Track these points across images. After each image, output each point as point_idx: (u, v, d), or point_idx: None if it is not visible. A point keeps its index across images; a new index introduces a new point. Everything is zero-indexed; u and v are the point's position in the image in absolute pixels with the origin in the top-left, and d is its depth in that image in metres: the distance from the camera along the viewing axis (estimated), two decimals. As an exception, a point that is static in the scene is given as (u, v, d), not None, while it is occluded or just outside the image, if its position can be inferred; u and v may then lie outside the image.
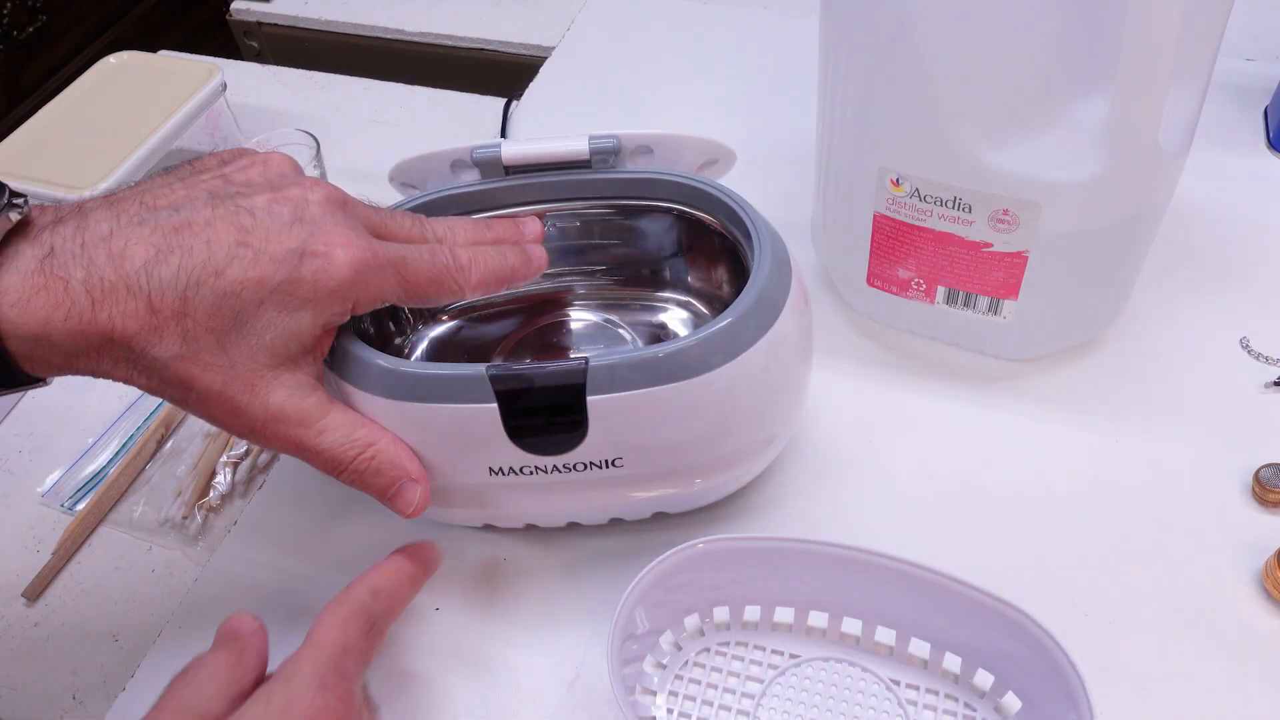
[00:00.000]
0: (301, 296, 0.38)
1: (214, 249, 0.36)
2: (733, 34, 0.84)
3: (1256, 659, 0.45)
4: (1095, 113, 0.44)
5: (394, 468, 0.41)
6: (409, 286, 0.40)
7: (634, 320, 0.56)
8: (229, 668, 0.38)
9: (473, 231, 0.45)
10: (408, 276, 0.40)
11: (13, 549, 0.56)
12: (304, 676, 0.37)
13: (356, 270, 0.38)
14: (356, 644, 0.39)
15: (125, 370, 0.37)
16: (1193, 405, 0.54)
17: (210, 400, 0.38)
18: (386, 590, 0.42)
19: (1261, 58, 0.75)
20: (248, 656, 0.40)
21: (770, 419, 0.46)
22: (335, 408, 0.40)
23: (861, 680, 0.45)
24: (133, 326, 0.35)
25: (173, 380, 0.37)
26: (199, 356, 0.37)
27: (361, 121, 0.82)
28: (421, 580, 0.44)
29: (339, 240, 0.38)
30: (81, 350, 0.36)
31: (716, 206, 0.49)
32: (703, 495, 0.49)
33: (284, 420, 0.39)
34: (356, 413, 0.41)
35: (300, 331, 0.38)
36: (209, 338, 0.36)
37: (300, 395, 0.39)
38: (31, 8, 1.40)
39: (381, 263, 0.39)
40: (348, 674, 0.38)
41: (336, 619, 0.39)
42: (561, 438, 0.42)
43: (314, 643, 0.39)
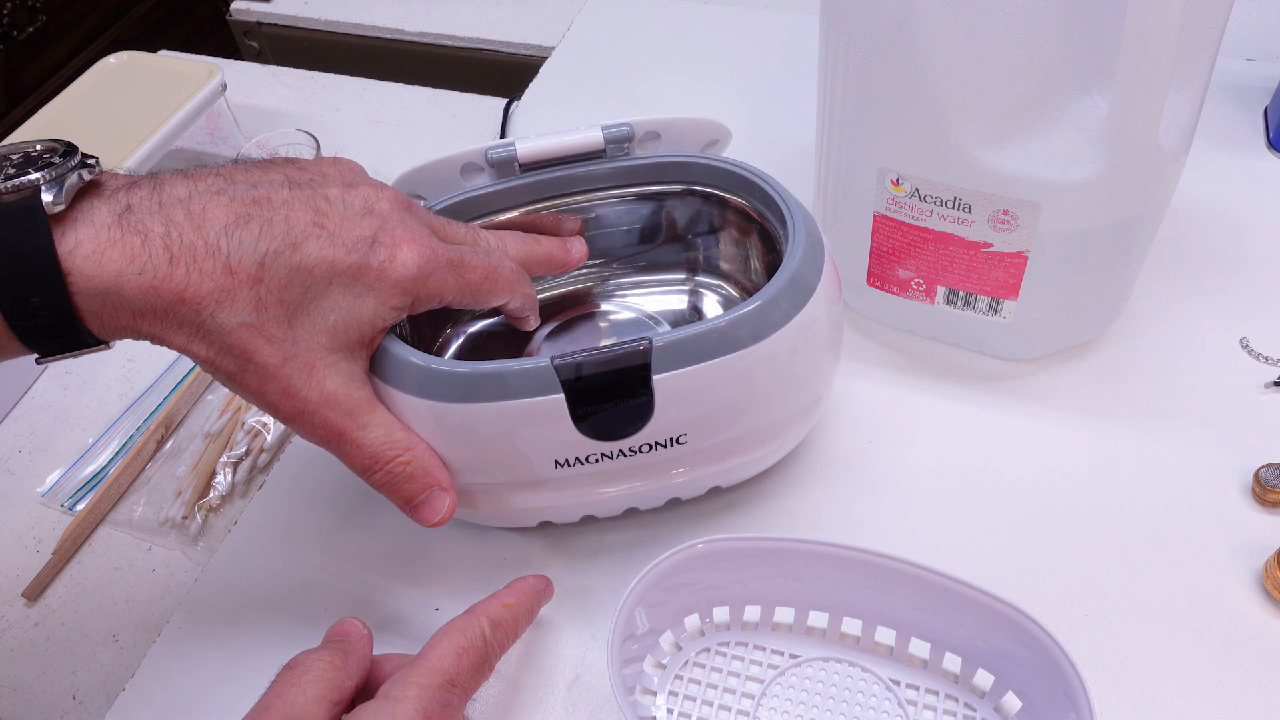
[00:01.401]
0: (368, 283, 0.39)
1: (292, 224, 0.37)
2: (733, 34, 0.84)
3: (1256, 659, 0.45)
4: (1095, 113, 0.44)
5: (427, 475, 0.42)
6: (466, 286, 0.42)
7: (662, 307, 0.56)
8: (334, 669, 0.38)
9: (523, 245, 0.47)
10: (466, 276, 0.42)
11: (13, 549, 0.56)
12: (409, 703, 0.37)
13: (421, 265, 0.39)
14: (467, 678, 0.39)
15: (186, 337, 0.37)
16: (1193, 405, 0.54)
17: (267, 375, 0.38)
18: (506, 623, 0.42)
19: (1261, 58, 0.75)
20: (352, 660, 0.40)
21: (823, 378, 0.48)
22: (381, 407, 0.41)
23: (861, 680, 0.45)
24: (208, 286, 0.36)
25: (234, 349, 0.37)
26: (265, 328, 0.37)
27: (361, 121, 0.82)
28: (536, 614, 0.45)
29: (406, 236, 0.40)
30: (149, 310, 0.36)
31: (746, 187, 0.50)
32: (761, 462, 0.50)
33: (334, 407, 0.39)
34: (396, 417, 0.42)
35: (362, 319, 0.39)
36: (278, 310, 0.37)
37: (353, 385, 0.40)
38: (31, 8, 1.40)
39: (443, 261, 0.41)
40: (451, 707, 0.38)
41: (452, 648, 0.39)
42: (629, 421, 0.43)
43: (426, 667, 0.38)
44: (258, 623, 0.50)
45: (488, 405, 0.41)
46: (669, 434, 0.43)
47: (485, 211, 0.51)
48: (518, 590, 0.44)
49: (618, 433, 0.43)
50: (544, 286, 0.57)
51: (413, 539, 0.52)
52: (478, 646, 0.40)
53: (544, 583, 0.45)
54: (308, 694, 0.37)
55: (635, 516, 0.51)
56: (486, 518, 0.50)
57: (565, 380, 0.41)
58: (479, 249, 0.44)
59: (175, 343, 0.37)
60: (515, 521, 0.51)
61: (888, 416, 0.55)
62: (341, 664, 0.39)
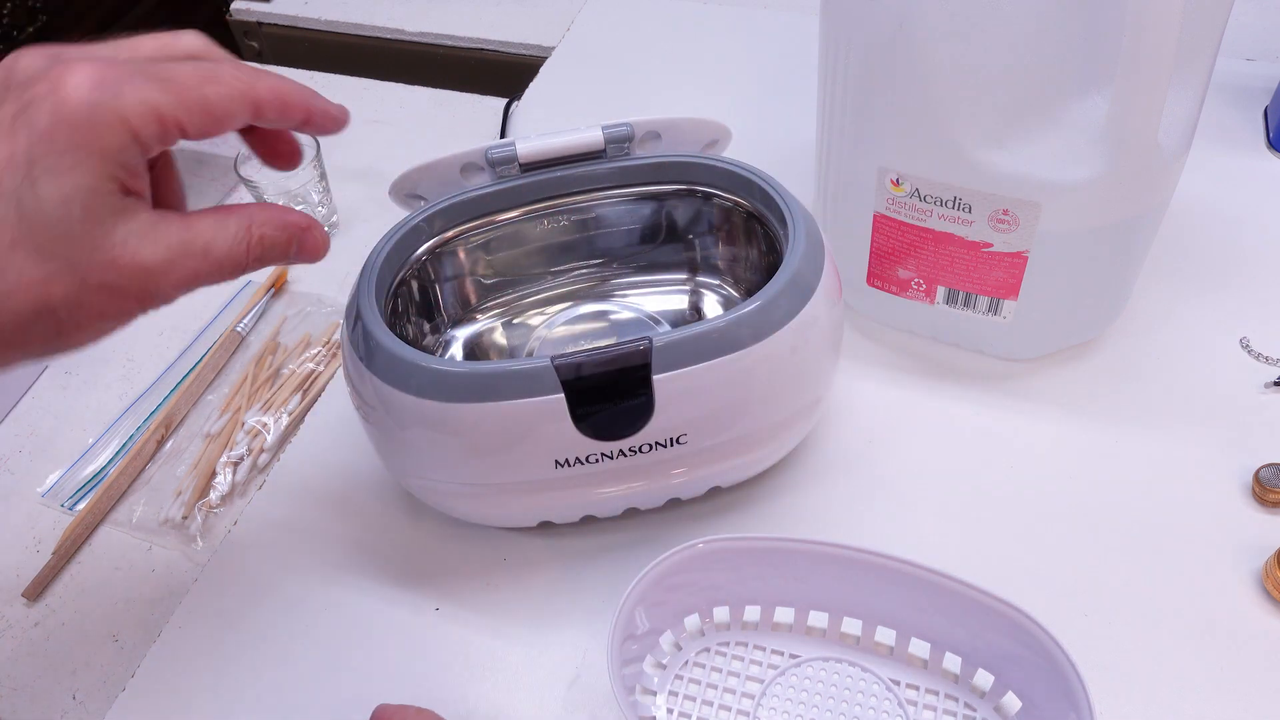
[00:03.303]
0: (59, 148, 0.32)
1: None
2: (733, 34, 0.84)
3: (1256, 659, 0.45)
4: (1095, 113, 0.44)
5: (283, 230, 0.38)
6: (179, 91, 0.34)
7: (662, 307, 0.56)
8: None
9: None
10: (172, 78, 0.34)
11: (13, 549, 0.56)
12: None
13: (96, 86, 0.32)
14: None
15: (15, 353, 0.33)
16: (1193, 405, 0.54)
17: (83, 308, 0.33)
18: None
19: (1261, 58, 0.75)
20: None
21: (821, 377, 0.48)
22: (193, 217, 0.36)
23: (861, 680, 0.45)
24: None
25: (19, 328, 0.33)
26: (31, 275, 0.32)
27: (361, 121, 0.82)
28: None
29: (65, 71, 0.33)
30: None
31: (746, 187, 0.50)
32: (761, 462, 0.50)
33: (167, 266, 0.34)
34: (208, 209, 0.36)
35: (94, 187, 0.33)
36: (28, 248, 0.32)
37: (159, 231, 0.34)
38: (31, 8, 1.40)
39: (128, 71, 0.33)
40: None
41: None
42: (629, 420, 0.43)
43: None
44: (258, 623, 0.50)
45: (488, 405, 0.41)
46: (669, 434, 0.43)
47: (485, 211, 0.51)
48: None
49: (618, 433, 0.43)
50: (545, 286, 0.57)
51: (413, 539, 0.52)
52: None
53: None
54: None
55: (635, 516, 0.51)
56: (486, 518, 0.50)
57: (565, 380, 0.41)
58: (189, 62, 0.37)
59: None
60: (515, 521, 0.51)
61: (888, 416, 0.55)
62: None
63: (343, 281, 0.68)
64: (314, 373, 0.62)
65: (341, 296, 0.67)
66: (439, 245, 0.51)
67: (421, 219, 0.50)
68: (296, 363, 0.63)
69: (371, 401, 0.44)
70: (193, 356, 0.64)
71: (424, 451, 0.45)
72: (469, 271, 0.55)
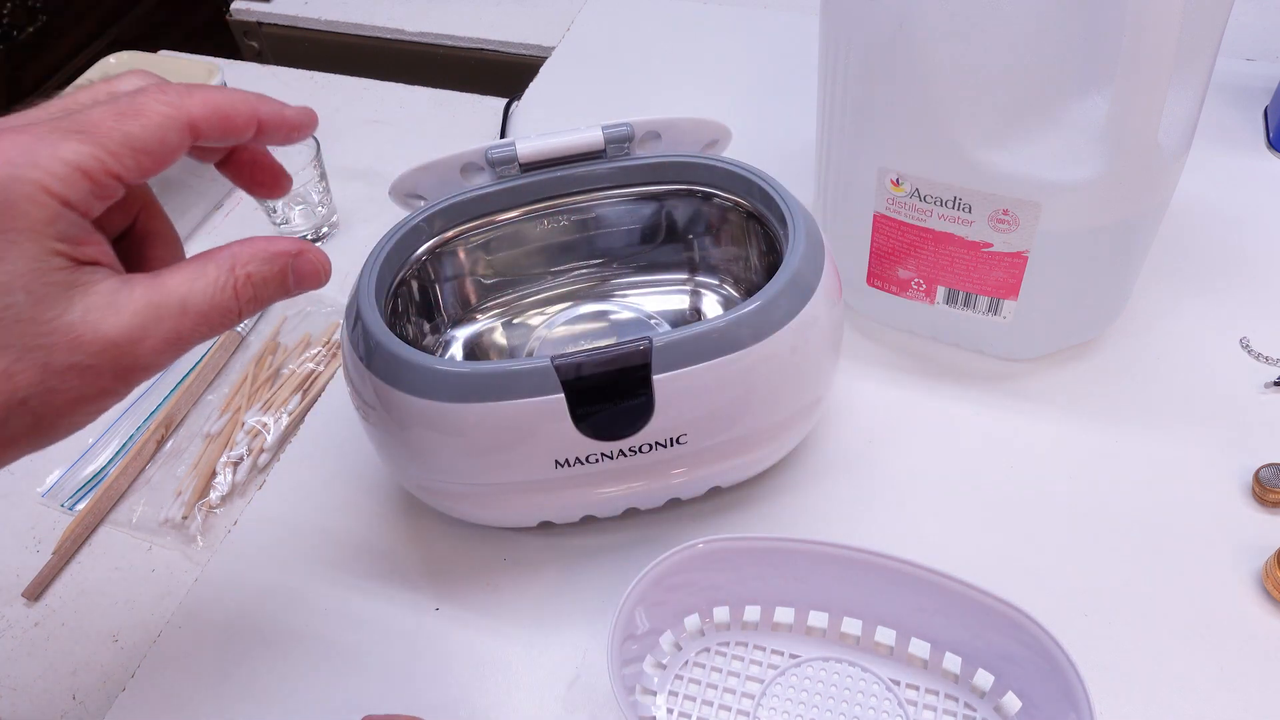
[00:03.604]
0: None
1: None
2: (733, 34, 0.84)
3: (1256, 659, 0.45)
4: (1095, 113, 0.44)
5: (272, 262, 0.34)
6: (99, 138, 0.31)
7: (662, 307, 0.56)
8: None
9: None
10: (87, 126, 0.31)
11: (13, 549, 0.56)
12: None
13: (6, 160, 0.29)
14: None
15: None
16: (1193, 405, 0.54)
17: (56, 394, 0.30)
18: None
19: (1261, 58, 0.75)
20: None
21: (823, 378, 0.48)
22: (164, 274, 0.33)
23: (861, 680, 0.45)
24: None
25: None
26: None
27: (361, 121, 0.82)
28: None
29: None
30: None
31: (746, 187, 0.50)
32: (761, 462, 0.50)
33: (139, 334, 0.31)
34: (185, 261, 0.34)
35: (33, 268, 0.30)
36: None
37: (122, 298, 0.31)
38: (31, 8, 1.40)
39: (40, 134, 0.30)
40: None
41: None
42: (629, 420, 0.43)
43: None
44: (257, 623, 0.50)
45: (488, 405, 0.41)
46: (669, 434, 0.43)
47: (485, 211, 0.51)
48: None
49: (618, 433, 0.43)
50: (545, 286, 0.57)
51: (413, 539, 0.52)
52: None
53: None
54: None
55: (635, 516, 0.51)
56: (486, 518, 0.50)
57: (565, 380, 0.41)
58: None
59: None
60: (515, 521, 0.51)
61: (888, 416, 0.55)
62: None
63: (343, 281, 0.68)
64: (314, 373, 0.62)
65: (341, 296, 0.67)
66: (439, 245, 0.51)
67: (421, 219, 0.50)
68: (296, 363, 0.63)
69: (371, 401, 0.44)
70: (193, 356, 0.64)
71: (424, 451, 0.45)
72: (469, 271, 0.55)
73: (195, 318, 0.32)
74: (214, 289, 0.33)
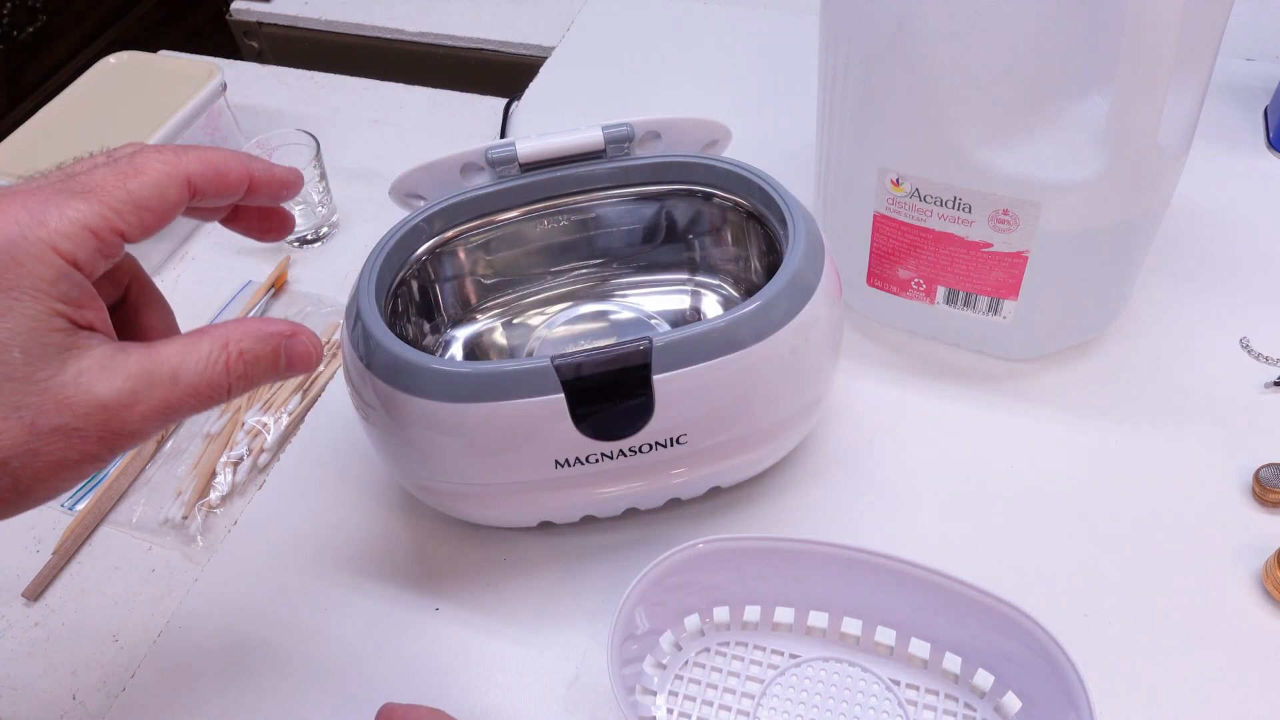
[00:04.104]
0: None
1: None
2: (733, 34, 0.84)
3: (1256, 659, 0.45)
4: (1095, 113, 0.44)
5: (265, 341, 0.35)
6: (102, 197, 0.32)
7: (662, 307, 0.56)
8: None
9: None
10: (91, 187, 0.32)
11: (13, 549, 0.56)
12: None
13: (15, 221, 0.30)
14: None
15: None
16: (1193, 405, 0.54)
17: (38, 457, 0.31)
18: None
19: (1261, 58, 0.75)
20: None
21: (823, 378, 0.48)
22: (159, 344, 0.33)
23: (861, 680, 0.45)
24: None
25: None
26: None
27: (361, 121, 0.82)
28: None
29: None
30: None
31: (746, 187, 0.50)
32: (761, 462, 0.50)
33: (130, 400, 0.31)
34: (182, 335, 0.35)
35: (33, 327, 0.30)
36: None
37: (116, 363, 0.32)
38: (31, 8, 1.40)
39: (47, 195, 0.31)
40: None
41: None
42: (629, 420, 0.43)
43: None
44: (257, 623, 0.50)
45: (488, 405, 0.41)
46: (669, 434, 0.43)
47: (485, 211, 0.51)
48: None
49: (618, 433, 0.43)
50: (545, 286, 0.57)
51: (412, 539, 0.52)
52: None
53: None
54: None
55: (635, 516, 0.51)
56: (486, 518, 0.50)
57: (565, 380, 0.41)
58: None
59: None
60: (515, 521, 0.51)
61: (888, 416, 0.55)
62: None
63: (343, 281, 0.68)
64: (314, 372, 0.62)
65: (341, 296, 0.67)
66: (439, 245, 0.51)
67: (421, 219, 0.50)
68: (296, 363, 0.63)
69: (371, 401, 0.44)
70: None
71: (424, 452, 0.45)
72: (469, 271, 0.55)
73: (186, 389, 0.33)
74: (206, 363, 0.33)
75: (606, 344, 0.42)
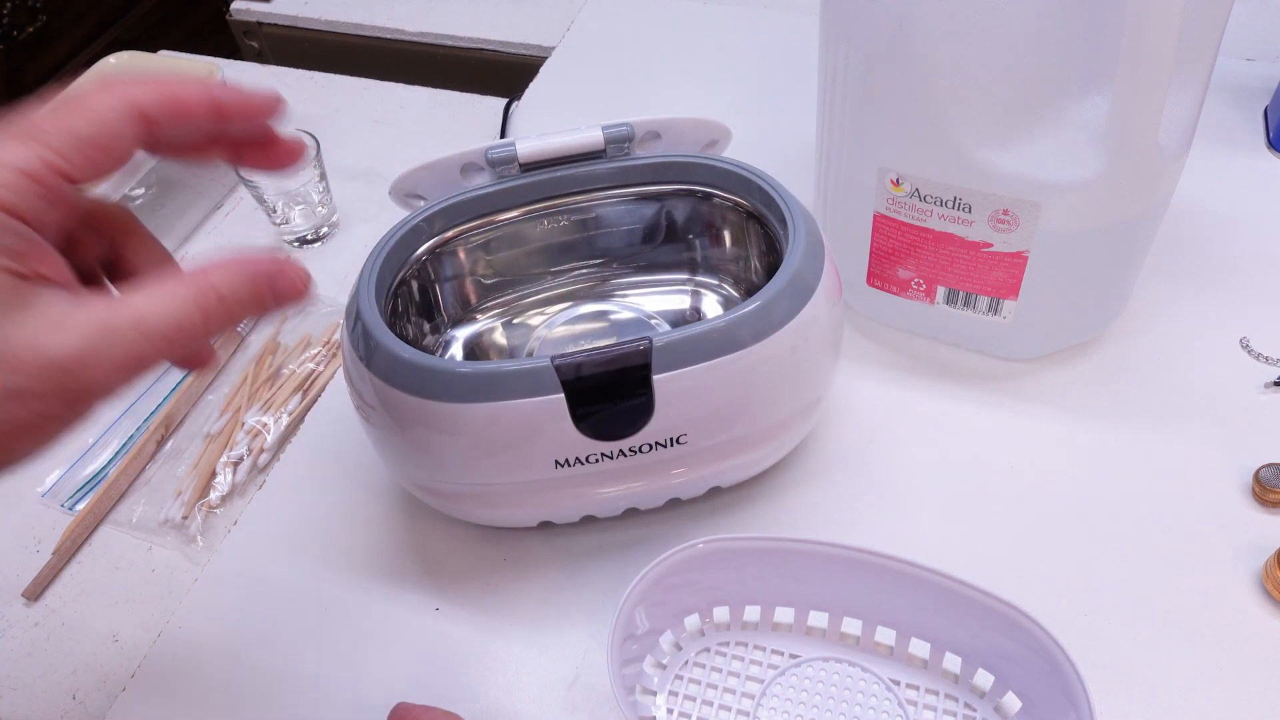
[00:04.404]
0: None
1: None
2: (733, 34, 0.84)
3: (1256, 659, 0.45)
4: (1095, 113, 0.44)
5: (246, 281, 0.32)
6: (44, 137, 0.29)
7: (662, 307, 0.56)
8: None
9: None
10: (32, 129, 0.30)
11: (13, 549, 0.56)
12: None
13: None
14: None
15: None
16: (1193, 405, 0.54)
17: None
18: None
19: (1261, 58, 0.75)
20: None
21: (823, 378, 0.48)
22: (124, 291, 0.31)
23: (861, 680, 0.45)
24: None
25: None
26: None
27: (361, 121, 0.82)
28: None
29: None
30: None
31: (746, 187, 0.50)
32: (761, 462, 0.50)
33: (89, 356, 0.29)
34: (153, 277, 0.32)
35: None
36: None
37: (72, 318, 0.29)
38: (31, 8, 1.40)
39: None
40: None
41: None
42: (629, 420, 0.43)
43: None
44: (257, 623, 0.50)
45: (488, 405, 0.41)
46: (669, 434, 0.43)
47: (485, 211, 0.51)
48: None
49: (618, 433, 0.43)
50: (545, 286, 0.57)
51: (413, 539, 0.52)
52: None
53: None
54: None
55: (635, 516, 0.51)
56: (486, 518, 0.50)
57: (565, 380, 0.41)
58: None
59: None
60: (515, 521, 0.51)
61: (888, 416, 0.55)
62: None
63: (343, 281, 0.68)
64: (314, 373, 0.62)
65: (341, 296, 0.67)
66: (439, 245, 0.51)
67: (421, 219, 0.50)
68: (296, 363, 0.63)
69: (371, 401, 0.44)
70: (193, 356, 0.64)
71: (424, 451, 0.45)
72: (469, 271, 0.55)
73: (157, 339, 0.30)
74: (175, 306, 0.30)
75: (606, 344, 0.42)
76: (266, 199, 0.68)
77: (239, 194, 0.76)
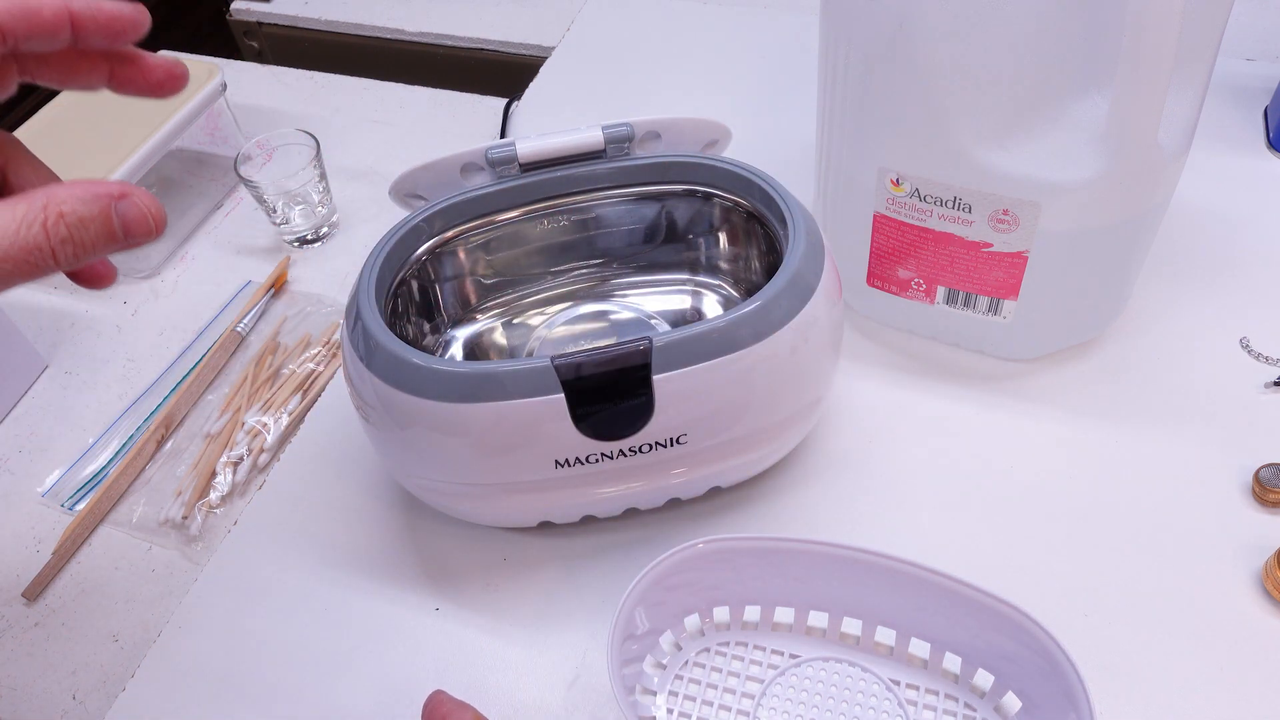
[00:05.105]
0: None
1: None
2: (733, 34, 0.84)
3: (1256, 659, 0.45)
4: (1095, 113, 0.44)
5: (91, 203, 0.30)
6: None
7: (662, 307, 0.56)
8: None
9: None
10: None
11: (13, 549, 0.56)
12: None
13: None
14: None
15: None
16: (1193, 405, 0.54)
17: None
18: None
19: (1261, 58, 0.75)
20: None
21: (823, 378, 0.48)
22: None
23: (861, 680, 0.45)
24: None
25: None
26: None
27: (361, 121, 0.82)
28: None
29: None
30: None
31: (746, 187, 0.50)
32: (761, 462, 0.50)
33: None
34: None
35: None
36: None
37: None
38: (31, 8, 1.40)
39: None
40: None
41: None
42: (629, 420, 0.43)
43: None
44: (258, 623, 0.50)
45: (488, 405, 0.41)
46: (669, 434, 0.43)
47: (485, 211, 0.51)
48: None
49: (618, 433, 0.43)
50: (545, 286, 0.57)
51: (413, 539, 0.52)
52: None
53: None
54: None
55: (635, 516, 0.51)
56: (486, 518, 0.50)
57: (565, 380, 0.41)
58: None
59: None
60: (515, 521, 0.51)
61: (888, 416, 0.55)
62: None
63: (343, 281, 0.69)
64: (314, 373, 0.62)
65: (341, 296, 0.67)
66: (439, 245, 0.51)
67: (421, 219, 0.50)
68: (296, 363, 0.63)
69: (371, 401, 0.44)
70: (192, 356, 0.64)
71: (424, 451, 0.45)
72: (469, 271, 0.55)
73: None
74: (19, 226, 0.28)
75: (606, 344, 0.42)
76: (266, 199, 0.68)
77: (239, 194, 0.76)
